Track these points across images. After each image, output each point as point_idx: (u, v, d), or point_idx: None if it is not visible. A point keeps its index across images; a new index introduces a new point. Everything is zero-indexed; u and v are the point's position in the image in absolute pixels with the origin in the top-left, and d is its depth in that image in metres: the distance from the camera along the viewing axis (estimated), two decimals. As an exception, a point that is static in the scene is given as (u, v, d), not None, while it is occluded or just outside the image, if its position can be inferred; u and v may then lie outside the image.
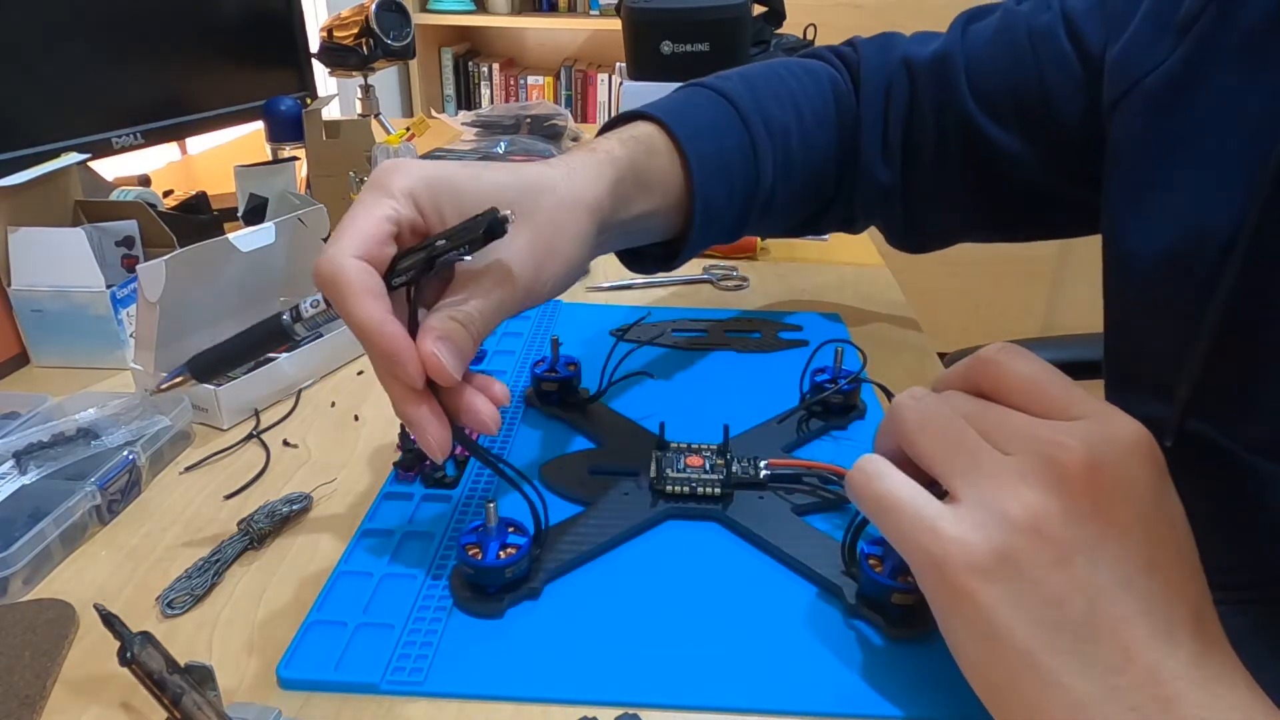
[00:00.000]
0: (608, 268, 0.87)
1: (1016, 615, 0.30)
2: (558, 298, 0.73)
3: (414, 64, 2.54)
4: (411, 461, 0.54)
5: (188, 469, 0.55)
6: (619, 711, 0.37)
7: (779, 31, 1.03)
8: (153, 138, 0.94)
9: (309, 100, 1.09)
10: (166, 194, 0.99)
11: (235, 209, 0.90)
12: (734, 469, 0.50)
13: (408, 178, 0.39)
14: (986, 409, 0.34)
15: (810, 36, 1.01)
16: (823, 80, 0.62)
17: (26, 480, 0.50)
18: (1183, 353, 0.45)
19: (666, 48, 0.96)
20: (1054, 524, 0.30)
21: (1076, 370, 0.95)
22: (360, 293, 0.36)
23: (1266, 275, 0.42)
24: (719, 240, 0.59)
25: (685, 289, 0.83)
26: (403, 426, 0.57)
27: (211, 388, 0.58)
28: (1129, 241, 0.50)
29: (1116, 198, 0.51)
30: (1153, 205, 0.48)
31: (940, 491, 0.34)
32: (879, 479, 0.34)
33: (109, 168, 0.98)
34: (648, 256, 0.58)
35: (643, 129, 0.53)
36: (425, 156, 1.04)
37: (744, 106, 0.57)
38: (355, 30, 1.10)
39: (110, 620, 0.34)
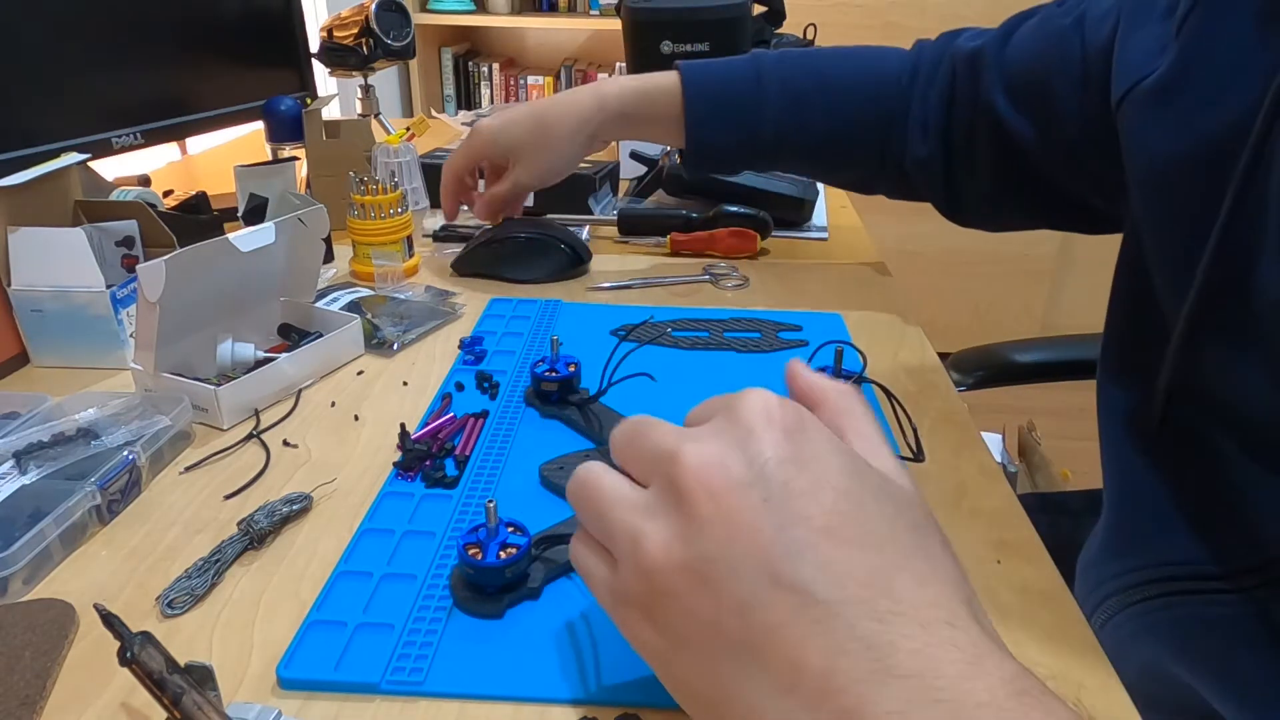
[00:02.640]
0: (608, 268, 0.87)
1: (684, 653, 0.29)
2: (559, 298, 0.80)
3: (414, 64, 2.54)
4: (411, 461, 0.54)
5: (188, 469, 0.55)
6: (619, 711, 0.37)
7: (779, 31, 1.03)
8: (153, 138, 0.94)
9: (309, 100, 1.09)
10: (166, 194, 0.99)
11: (235, 209, 0.90)
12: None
13: (490, 132, 0.80)
14: (631, 440, 0.32)
15: (810, 36, 1.01)
16: (887, 66, 0.74)
17: (26, 480, 0.50)
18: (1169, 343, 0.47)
19: (666, 48, 0.96)
20: (677, 549, 0.28)
21: (1075, 370, 0.95)
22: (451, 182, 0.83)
23: (1230, 270, 0.43)
24: (722, 168, 0.82)
25: (685, 289, 0.83)
26: (403, 426, 0.57)
27: (212, 388, 0.58)
28: (1139, 235, 0.52)
29: (1132, 193, 0.53)
30: (1153, 199, 0.50)
31: None
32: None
33: (109, 168, 0.98)
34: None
35: (669, 79, 0.75)
36: (425, 156, 1.04)
37: (766, 69, 0.73)
38: (355, 30, 1.10)
39: (110, 620, 0.34)
